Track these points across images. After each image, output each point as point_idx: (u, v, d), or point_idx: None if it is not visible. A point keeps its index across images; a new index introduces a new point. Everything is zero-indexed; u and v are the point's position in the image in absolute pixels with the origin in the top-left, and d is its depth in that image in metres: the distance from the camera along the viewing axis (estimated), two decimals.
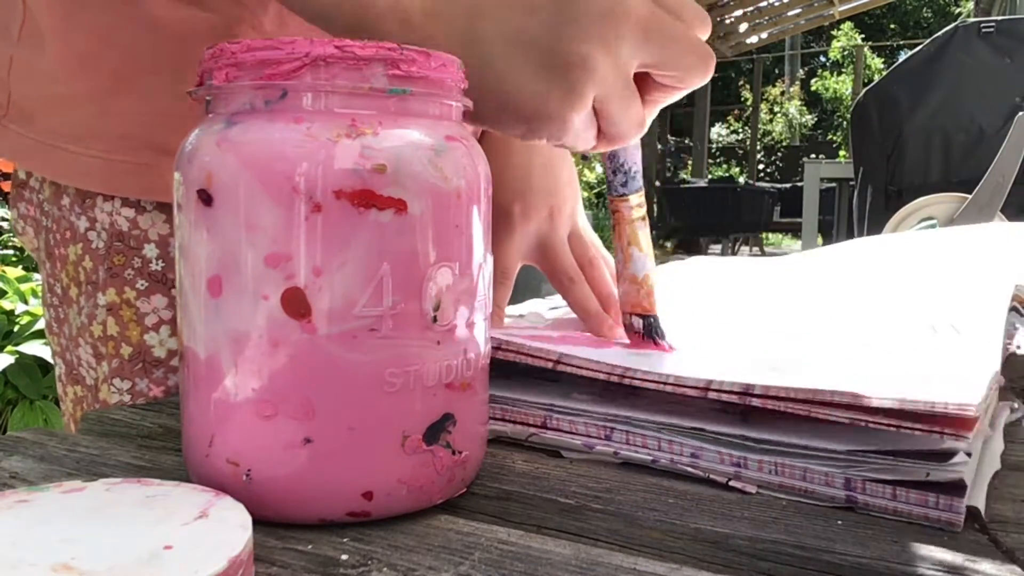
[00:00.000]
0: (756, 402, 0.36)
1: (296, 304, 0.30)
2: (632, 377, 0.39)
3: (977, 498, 0.33)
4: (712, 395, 0.37)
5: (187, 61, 0.54)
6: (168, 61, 0.55)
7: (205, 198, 0.31)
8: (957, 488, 0.32)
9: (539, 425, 0.41)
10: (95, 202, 0.58)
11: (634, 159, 0.48)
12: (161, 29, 0.55)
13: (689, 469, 0.37)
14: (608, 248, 0.65)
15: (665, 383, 0.38)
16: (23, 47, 0.59)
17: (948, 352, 0.42)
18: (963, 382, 0.35)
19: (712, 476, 0.37)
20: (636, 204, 0.49)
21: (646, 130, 0.44)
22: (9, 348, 1.93)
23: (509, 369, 0.44)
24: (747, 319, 0.56)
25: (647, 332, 0.48)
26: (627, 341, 0.49)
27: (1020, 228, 0.70)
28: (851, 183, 3.13)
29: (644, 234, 0.49)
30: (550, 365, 0.41)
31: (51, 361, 0.70)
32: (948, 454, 0.32)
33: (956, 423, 0.32)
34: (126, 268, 0.57)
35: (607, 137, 0.42)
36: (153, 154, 0.55)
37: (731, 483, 0.36)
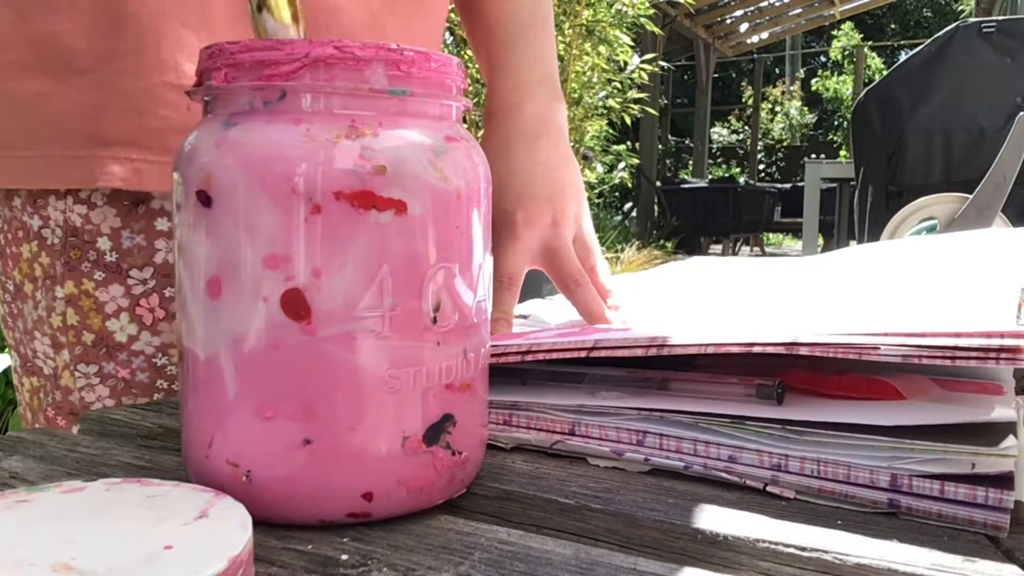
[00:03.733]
0: (804, 351, 0.35)
1: (296, 305, 0.30)
2: (672, 345, 0.38)
3: (1020, 491, 0.33)
4: (757, 349, 0.36)
5: (116, 56, 0.56)
6: (100, 59, 0.57)
7: (204, 199, 0.31)
8: (1006, 481, 0.31)
9: (566, 432, 0.40)
10: (47, 201, 0.60)
11: None
12: (95, 29, 0.56)
13: (724, 475, 0.36)
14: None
15: (706, 345, 0.37)
16: None
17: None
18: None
19: (748, 482, 0.36)
20: None
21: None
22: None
23: (527, 375, 0.44)
24: (753, 320, 0.56)
25: None
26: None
27: (1020, 235, 0.70)
28: (852, 183, 3.13)
29: None
30: (584, 353, 0.40)
31: None
32: (996, 433, 0.32)
33: (1012, 351, 0.31)
34: (83, 261, 0.60)
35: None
36: (90, 146, 0.58)
37: (768, 488, 0.35)
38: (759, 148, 15.54)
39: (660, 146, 11.99)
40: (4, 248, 0.64)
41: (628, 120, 4.84)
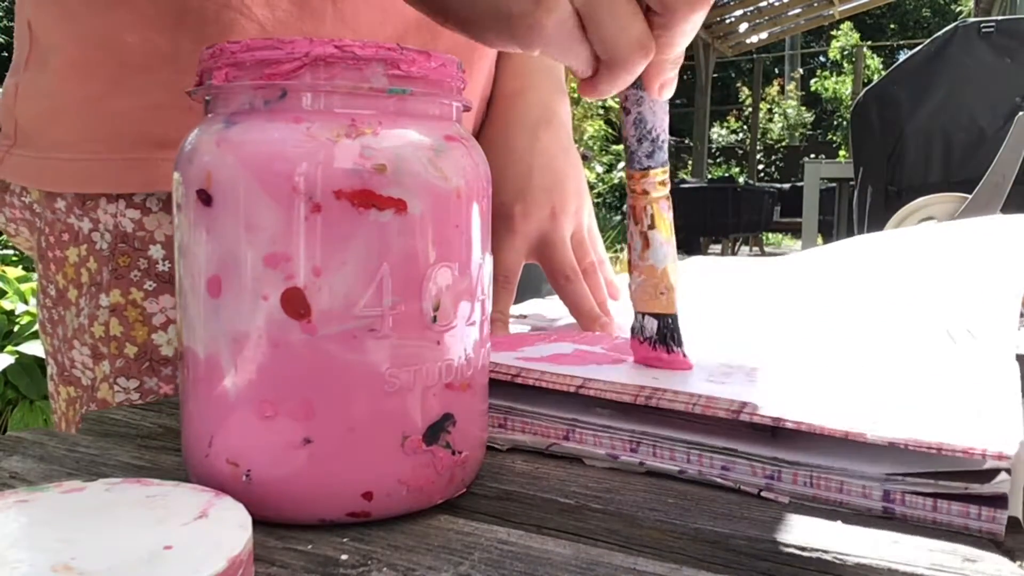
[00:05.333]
0: (790, 426, 0.35)
1: (296, 304, 0.30)
2: (660, 399, 0.37)
3: (1015, 507, 0.32)
4: (744, 417, 0.36)
5: (177, 54, 0.55)
6: (159, 56, 0.55)
7: (204, 198, 0.31)
8: (999, 500, 0.31)
9: (561, 437, 0.40)
10: (98, 204, 0.57)
11: (663, 124, 0.41)
12: (151, 25, 0.55)
13: (719, 480, 0.36)
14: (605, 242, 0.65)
15: (695, 404, 0.37)
16: (29, 72, 0.60)
17: (974, 376, 0.41)
18: (997, 423, 0.34)
19: (743, 488, 0.36)
20: (660, 181, 0.42)
21: (649, 59, 0.37)
22: (9, 348, 1.93)
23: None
24: (755, 324, 0.56)
25: (661, 337, 0.41)
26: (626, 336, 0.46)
27: (1020, 221, 0.70)
28: (851, 183, 3.13)
29: (668, 217, 0.42)
30: (572, 390, 0.39)
31: None
32: (989, 474, 0.32)
33: (997, 457, 0.31)
34: (132, 269, 0.57)
35: (604, 64, 0.37)
36: (148, 149, 0.55)
37: (763, 494, 0.35)
38: (758, 148, 15.54)
39: None
40: (46, 252, 0.61)
41: None
